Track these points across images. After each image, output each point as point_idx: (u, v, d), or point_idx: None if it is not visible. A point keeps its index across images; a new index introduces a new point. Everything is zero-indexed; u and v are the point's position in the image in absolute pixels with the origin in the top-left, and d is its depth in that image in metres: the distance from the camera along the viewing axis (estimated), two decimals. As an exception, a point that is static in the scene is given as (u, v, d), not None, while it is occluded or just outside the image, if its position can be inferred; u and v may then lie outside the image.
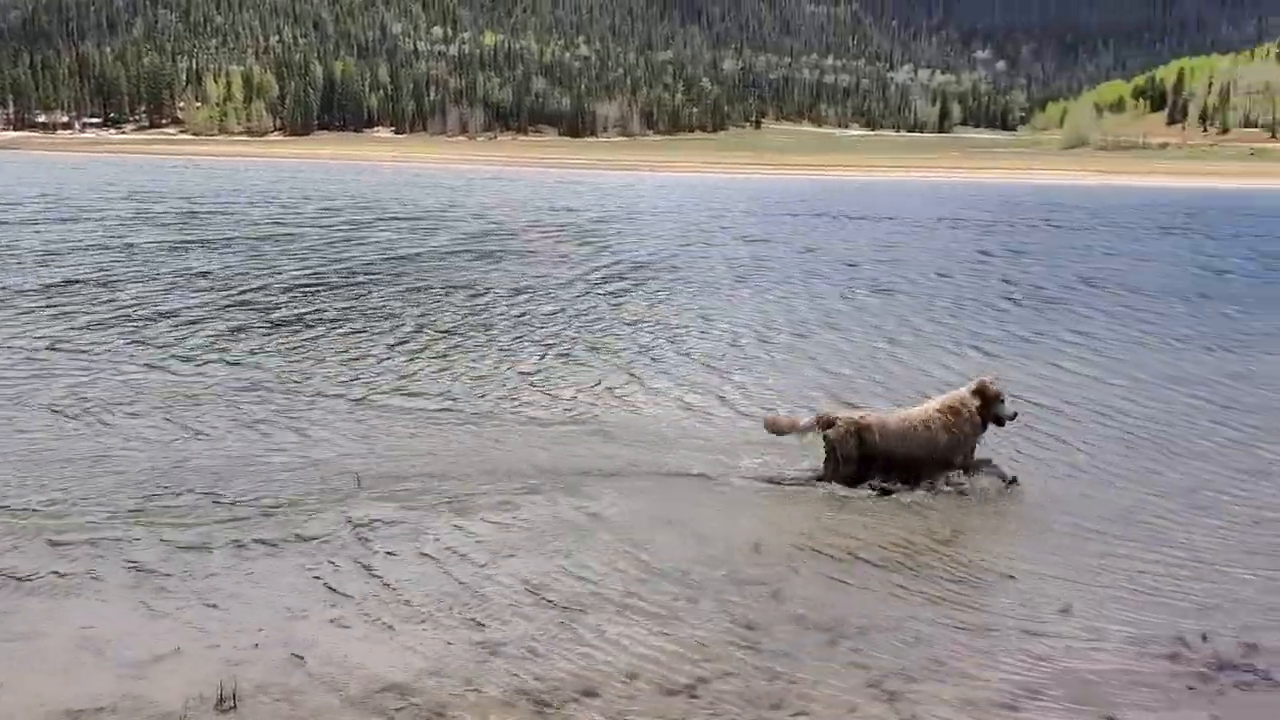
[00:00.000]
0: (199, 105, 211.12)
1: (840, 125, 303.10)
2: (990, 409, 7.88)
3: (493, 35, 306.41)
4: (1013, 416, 8.02)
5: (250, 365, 11.57)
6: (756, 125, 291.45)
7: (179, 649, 5.15)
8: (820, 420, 7.92)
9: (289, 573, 6.11)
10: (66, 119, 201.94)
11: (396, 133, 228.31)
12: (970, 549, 6.71)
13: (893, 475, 7.75)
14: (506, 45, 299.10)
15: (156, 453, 8.32)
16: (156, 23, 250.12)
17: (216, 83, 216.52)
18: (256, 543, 6.51)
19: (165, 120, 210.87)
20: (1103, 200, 57.34)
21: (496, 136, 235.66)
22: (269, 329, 13.84)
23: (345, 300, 16.42)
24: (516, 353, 12.68)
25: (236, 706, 4.62)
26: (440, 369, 11.70)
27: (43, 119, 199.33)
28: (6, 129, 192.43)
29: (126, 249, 22.57)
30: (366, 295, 16.93)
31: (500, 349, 12.90)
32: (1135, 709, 4.79)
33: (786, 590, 6.01)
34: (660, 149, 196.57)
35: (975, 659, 5.26)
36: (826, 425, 7.83)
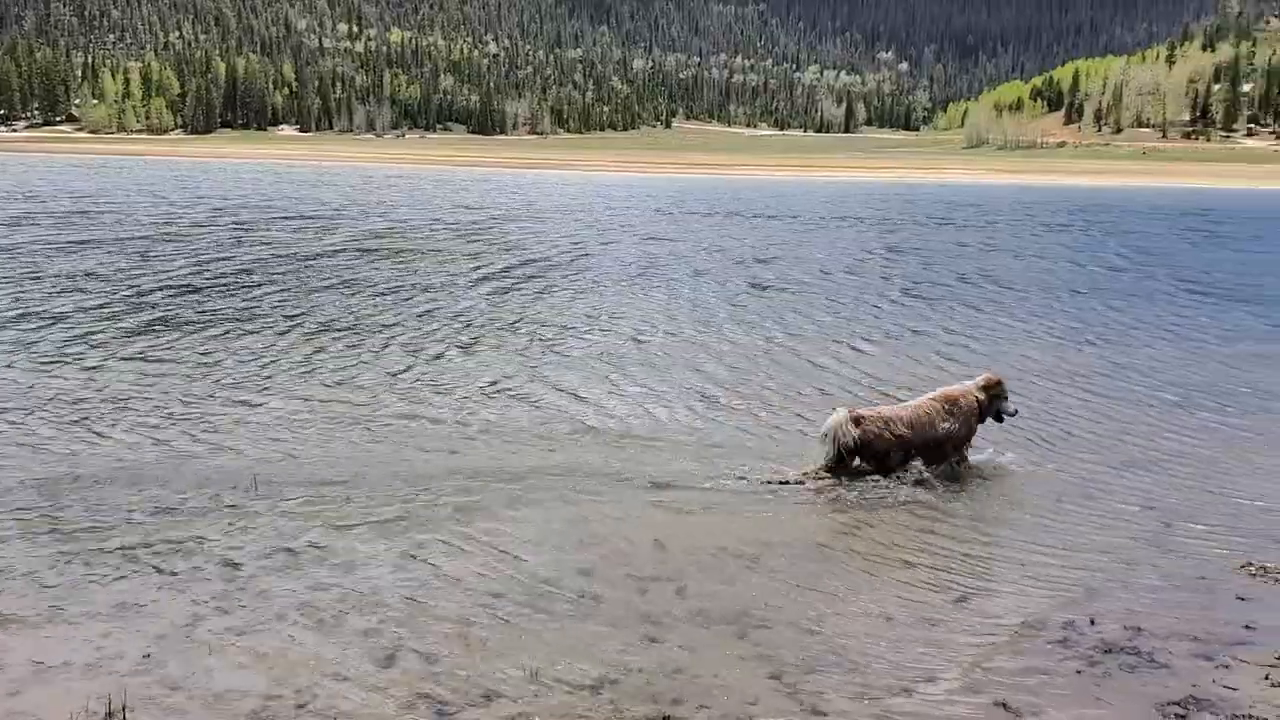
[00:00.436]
0: (96, 102, 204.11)
1: (749, 125, 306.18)
2: (994, 404, 8.40)
3: (400, 32, 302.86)
4: (1013, 413, 8.56)
5: (139, 366, 11.20)
6: (667, 124, 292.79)
7: (67, 662, 4.97)
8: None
9: (180, 581, 5.93)
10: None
11: (302, 131, 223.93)
12: (871, 542, 6.81)
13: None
14: (414, 42, 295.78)
15: (42, 459, 8.01)
16: (49, 16, 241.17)
17: (114, 79, 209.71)
18: (148, 552, 6.32)
19: (60, 118, 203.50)
20: (998, 198, 58.83)
21: (405, 134, 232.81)
22: (159, 330, 13.41)
23: (235, 300, 16.01)
24: (403, 352, 12.50)
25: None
26: (329, 368, 11.49)
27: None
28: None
29: (8, 251, 21.71)
30: (257, 295, 16.52)
31: (388, 348, 12.72)
32: (1025, 693, 4.90)
33: (690, 586, 6.02)
34: (570, 147, 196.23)
35: (874, 647, 5.34)
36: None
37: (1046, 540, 6.89)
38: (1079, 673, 5.11)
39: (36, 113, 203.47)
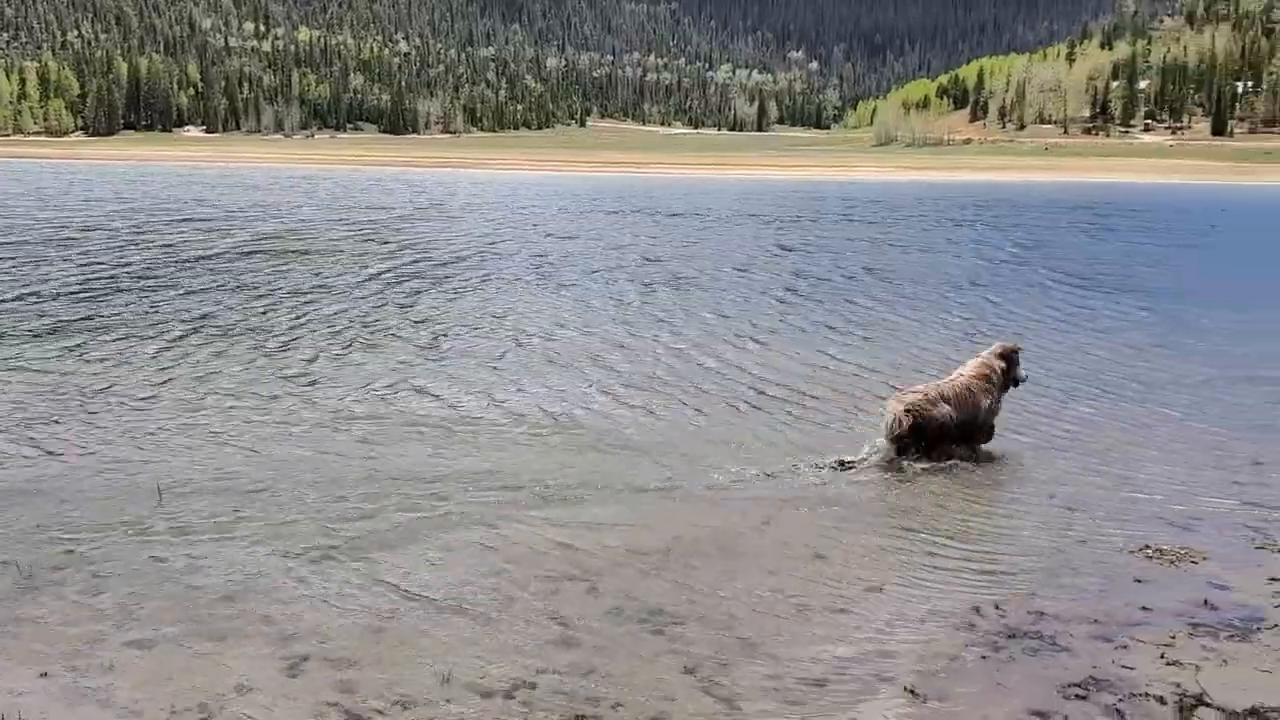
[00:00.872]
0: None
1: (664, 123, 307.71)
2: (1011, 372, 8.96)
3: (308, 31, 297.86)
4: (1025, 378, 9.19)
5: (29, 371, 10.83)
6: (581, 123, 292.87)
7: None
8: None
9: (77, 595, 5.75)
10: None
11: (209, 132, 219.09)
12: (784, 535, 6.87)
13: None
14: (323, 41, 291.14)
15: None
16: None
17: (9, 80, 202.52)
18: (46, 569, 6.11)
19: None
20: (904, 195, 59.94)
21: (314, 134, 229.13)
22: (49, 334, 12.98)
23: (129, 303, 15.57)
24: (296, 354, 12.28)
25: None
26: (225, 372, 11.24)
27: None
28: None
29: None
30: (150, 299, 16.07)
31: (281, 350, 12.48)
32: (933, 678, 5.00)
33: (602, 585, 6.02)
34: (484, 146, 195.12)
35: (788, 640, 5.39)
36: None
37: (953, 529, 7.03)
38: (984, 658, 5.22)
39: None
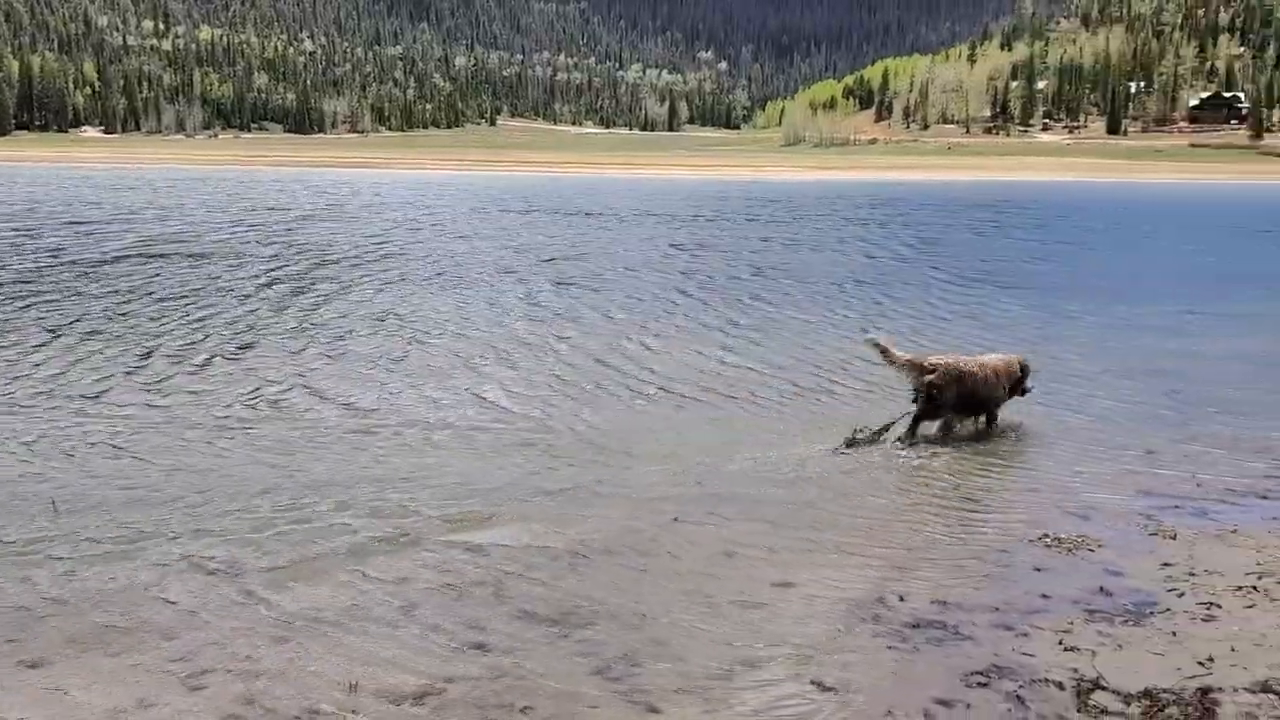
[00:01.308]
0: None
1: (575, 123, 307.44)
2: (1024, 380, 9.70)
3: (210, 29, 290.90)
4: (1031, 389, 9.85)
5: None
6: (491, 122, 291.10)
7: None
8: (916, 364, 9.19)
9: (-36, 614, 5.52)
10: None
11: (107, 132, 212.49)
12: (692, 533, 6.90)
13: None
14: (225, 40, 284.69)
15: None
16: None
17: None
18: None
19: None
20: (808, 194, 60.79)
21: (218, 135, 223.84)
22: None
23: (6, 309, 15.01)
24: (187, 359, 11.97)
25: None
26: (111, 376, 10.97)
27: None
28: None
29: None
30: (32, 303, 15.53)
31: (171, 356, 12.14)
32: (840, 670, 5.07)
33: (511, 589, 5.97)
34: (393, 146, 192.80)
35: (698, 637, 5.41)
36: (927, 371, 9.07)
37: (860, 522, 7.13)
38: (890, 648, 5.31)
39: None
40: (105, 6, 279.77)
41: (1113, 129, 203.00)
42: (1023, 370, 9.69)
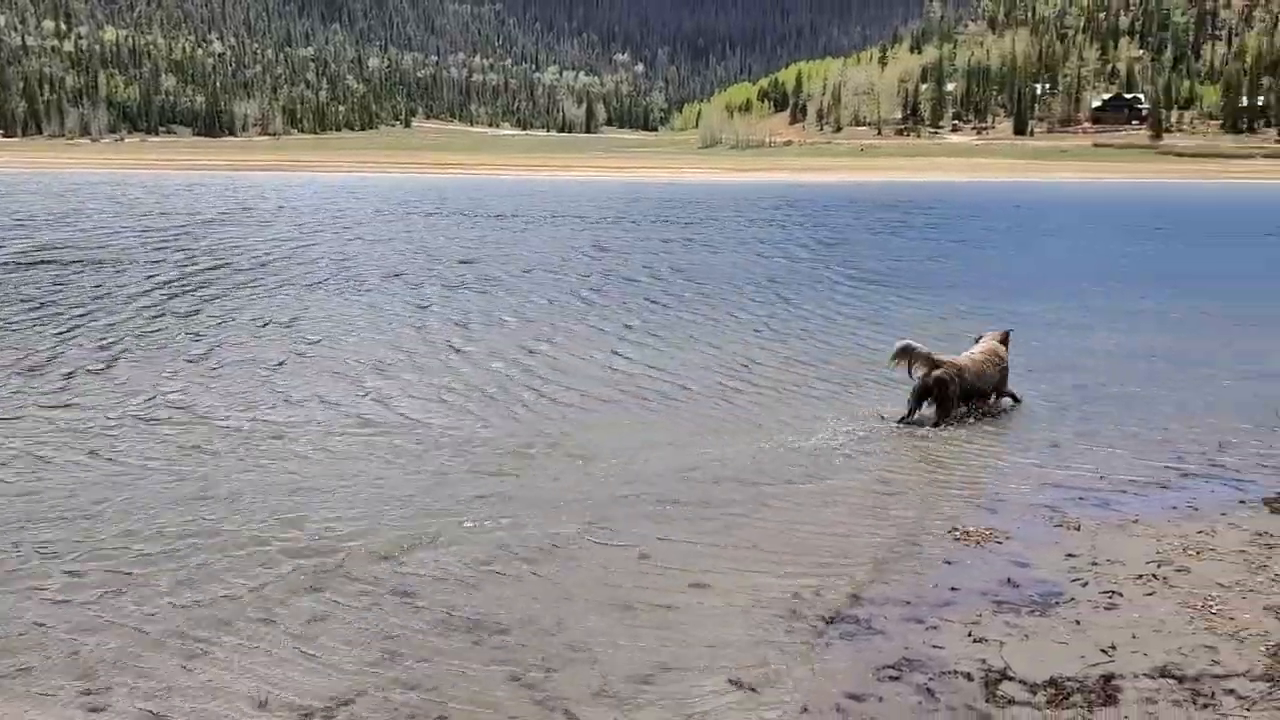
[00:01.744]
0: None
1: (492, 124, 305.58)
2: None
3: (114, 30, 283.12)
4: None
5: None
6: (406, 124, 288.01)
7: None
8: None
9: None
10: None
11: (7, 135, 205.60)
12: (607, 535, 6.89)
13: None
14: (131, 41, 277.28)
15: None
16: None
17: None
18: None
19: None
20: (721, 195, 61.30)
21: (124, 138, 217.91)
22: None
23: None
24: (54, 370, 11.61)
25: None
26: None
27: None
28: None
29: None
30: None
31: (38, 367, 11.76)
32: (757, 667, 5.10)
33: (423, 597, 5.90)
34: (305, 148, 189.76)
35: (613, 640, 5.41)
36: (933, 366, 9.72)
37: (775, 521, 7.19)
38: (805, 644, 5.36)
39: None
40: (2, 6, 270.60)
41: (1019, 130, 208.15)
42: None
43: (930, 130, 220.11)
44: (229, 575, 6.14)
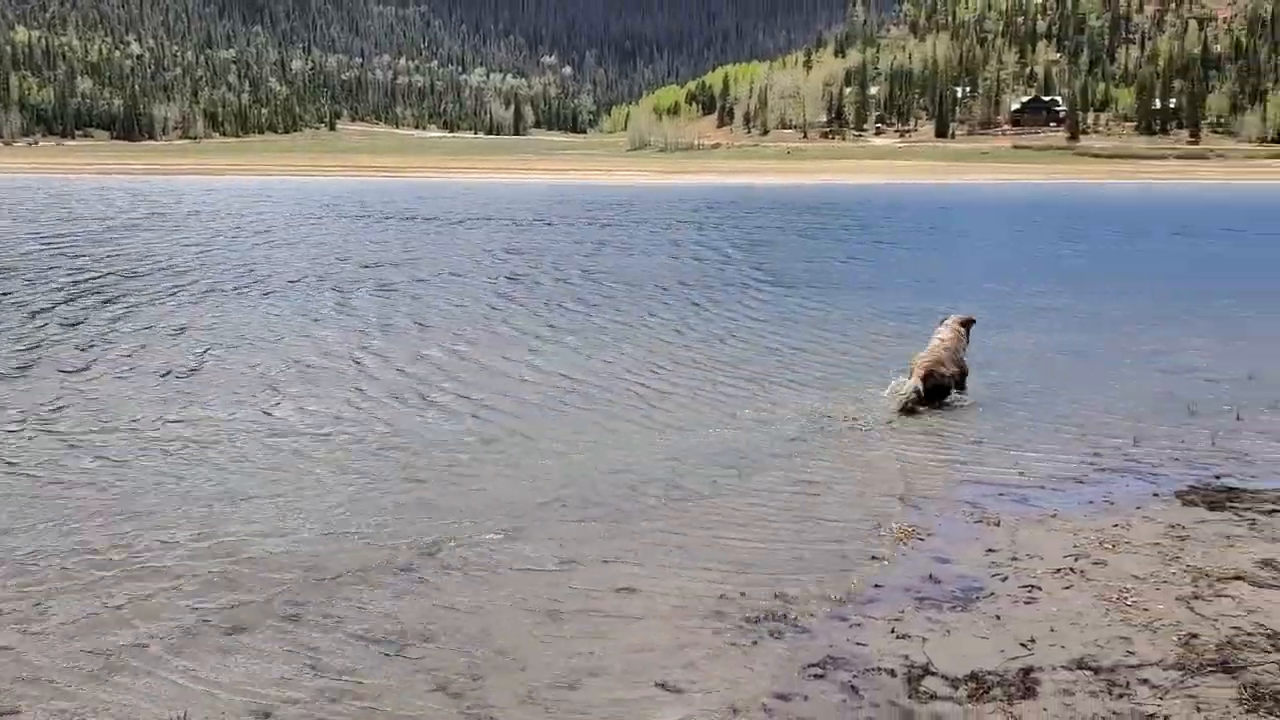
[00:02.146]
0: None
1: (418, 126, 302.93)
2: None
3: (27, 31, 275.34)
4: None
5: None
6: (331, 126, 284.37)
7: None
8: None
9: None
10: None
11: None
12: (532, 541, 6.85)
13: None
14: (44, 42, 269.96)
15: None
16: None
17: None
18: None
19: None
20: (646, 199, 61.25)
21: (38, 142, 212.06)
22: None
23: None
24: None
25: None
26: None
27: None
28: None
29: None
30: None
31: None
32: (683, 669, 5.11)
33: (345, 607, 5.81)
34: (227, 151, 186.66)
35: (539, 646, 5.38)
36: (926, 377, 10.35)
37: (701, 522, 7.21)
38: (732, 644, 5.38)
39: None
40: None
41: (941, 132, 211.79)
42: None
43: (855, 133, 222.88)
44: (144, 588, 5.98)
